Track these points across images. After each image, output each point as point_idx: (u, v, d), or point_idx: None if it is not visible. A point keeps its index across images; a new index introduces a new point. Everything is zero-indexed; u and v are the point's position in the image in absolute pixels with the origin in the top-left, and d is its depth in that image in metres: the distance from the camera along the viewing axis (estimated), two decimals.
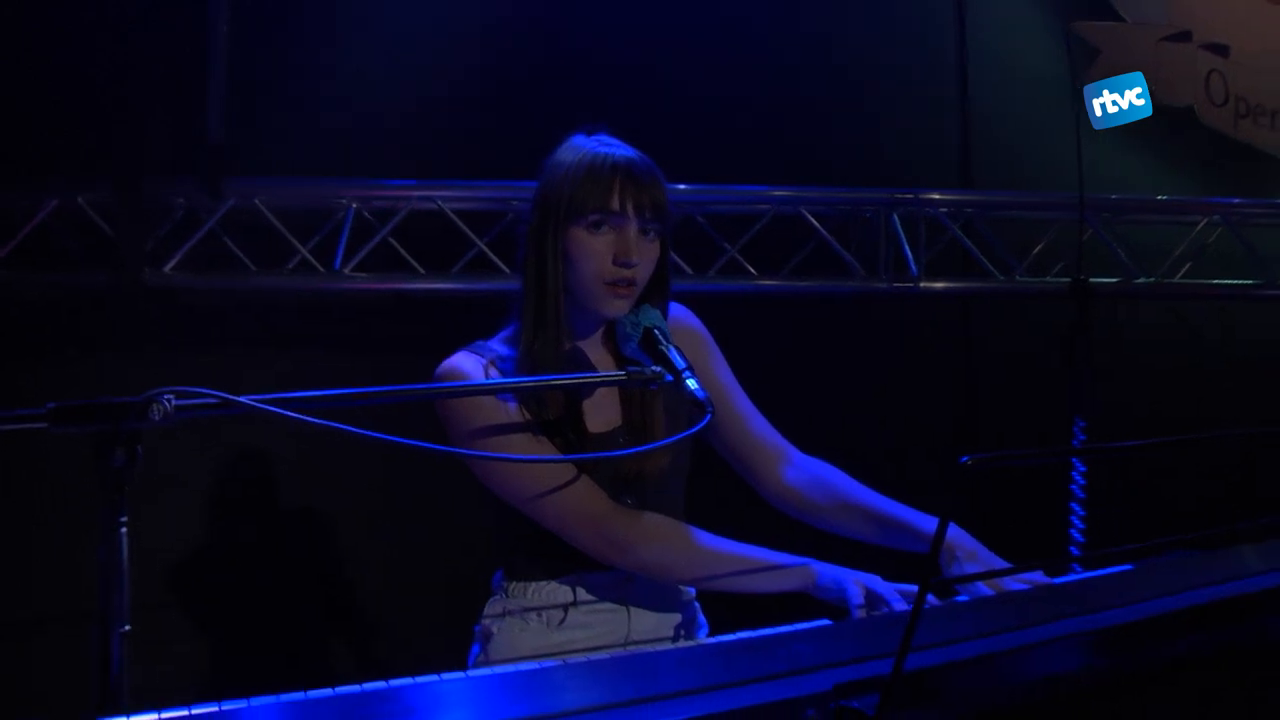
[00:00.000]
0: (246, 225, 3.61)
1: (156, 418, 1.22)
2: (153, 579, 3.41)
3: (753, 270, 3.89)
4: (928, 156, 4.33)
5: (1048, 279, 4.06)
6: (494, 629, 1.82)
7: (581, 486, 1.69)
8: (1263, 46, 4.47)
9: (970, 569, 1.65)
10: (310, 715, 1.03)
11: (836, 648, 1.18)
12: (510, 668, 1.18)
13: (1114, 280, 4.06)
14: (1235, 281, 4.19)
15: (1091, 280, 3.91)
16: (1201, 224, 4.13)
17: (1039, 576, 1.64)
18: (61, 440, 1.24)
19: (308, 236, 3.59)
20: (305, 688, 1.15)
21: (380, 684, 1.10)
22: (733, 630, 1.48)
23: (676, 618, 1.87)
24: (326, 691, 1.08)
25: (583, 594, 1.78)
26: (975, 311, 4.34)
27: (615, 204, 1.67)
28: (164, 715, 1.00)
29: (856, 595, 1.56)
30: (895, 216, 4.01)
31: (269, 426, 3.08)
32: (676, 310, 1.90)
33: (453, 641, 1.99)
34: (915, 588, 1.57)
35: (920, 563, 1.71)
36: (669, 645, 1.75)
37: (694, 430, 1.51)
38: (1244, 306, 4.38)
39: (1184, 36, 4.36)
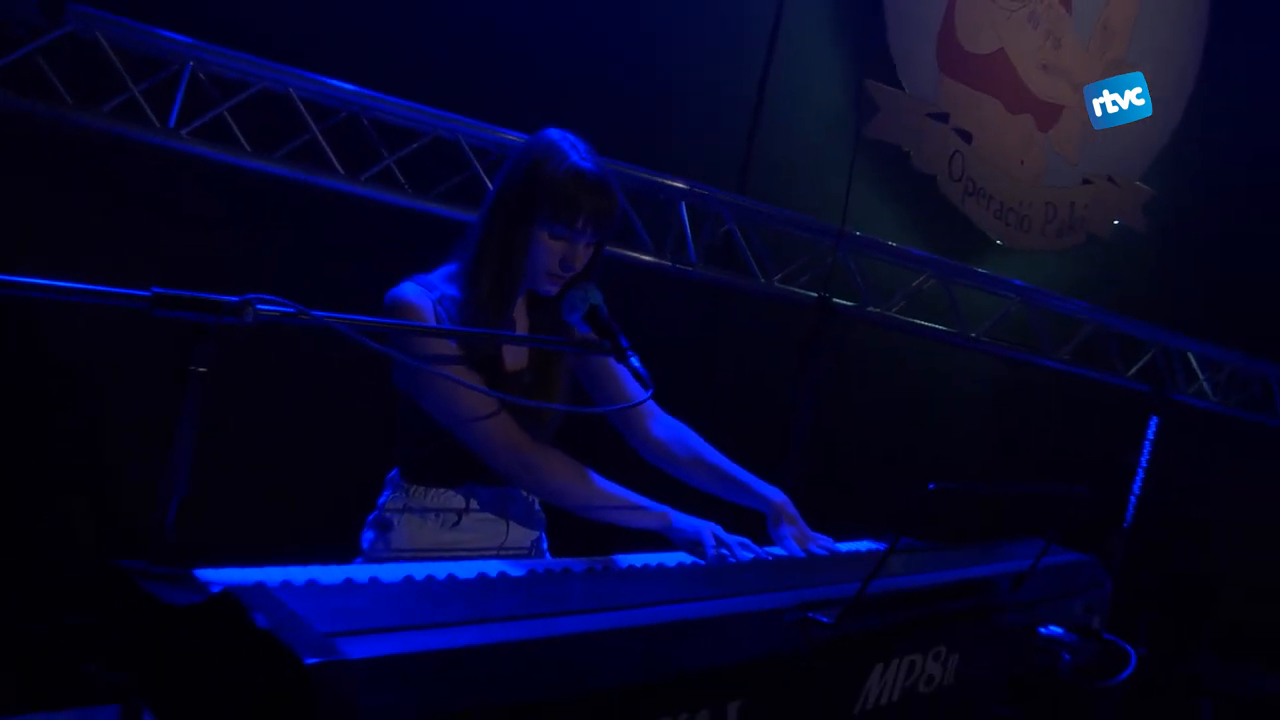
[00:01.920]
0: (71, 59, 3.51)
1: (249, 320, 1.33)
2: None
3: None
4: (714, 156, 4.85)
5: (798, 289, 4.71)
6: (394, 521, 2.09)
7: (506, 417, 2.00)
8: (996, 143, 5.39)
9: (787, 529, 2.15)
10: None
11: (784, 578, 1.62)
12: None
13: (850, 304, 4.77)
14: (940, 327, 5.06)
15: (833, 299, 4.62)
16: (923, 275, 4.95)
17: (829, 542, 2.20)
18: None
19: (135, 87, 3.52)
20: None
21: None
22: (574, 548, 1.88)
23: (534, 534, 2.24)
24: None
25: (473, 504, 2.11)
26: (729, 302, 4.90)
27: (579, 224, 1.97)
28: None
29: (710, 541, 1.98)
30: (683, 205, 4.49)
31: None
32: None
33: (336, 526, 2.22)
34: (748, 540, 2.05)
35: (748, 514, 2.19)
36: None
37: (638, 403, 1.85)
38: (943, 348, 5.26)
39: (943, 117, 5.17)
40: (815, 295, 4.66)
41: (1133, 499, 5.55)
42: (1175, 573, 5.72)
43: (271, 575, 1.39)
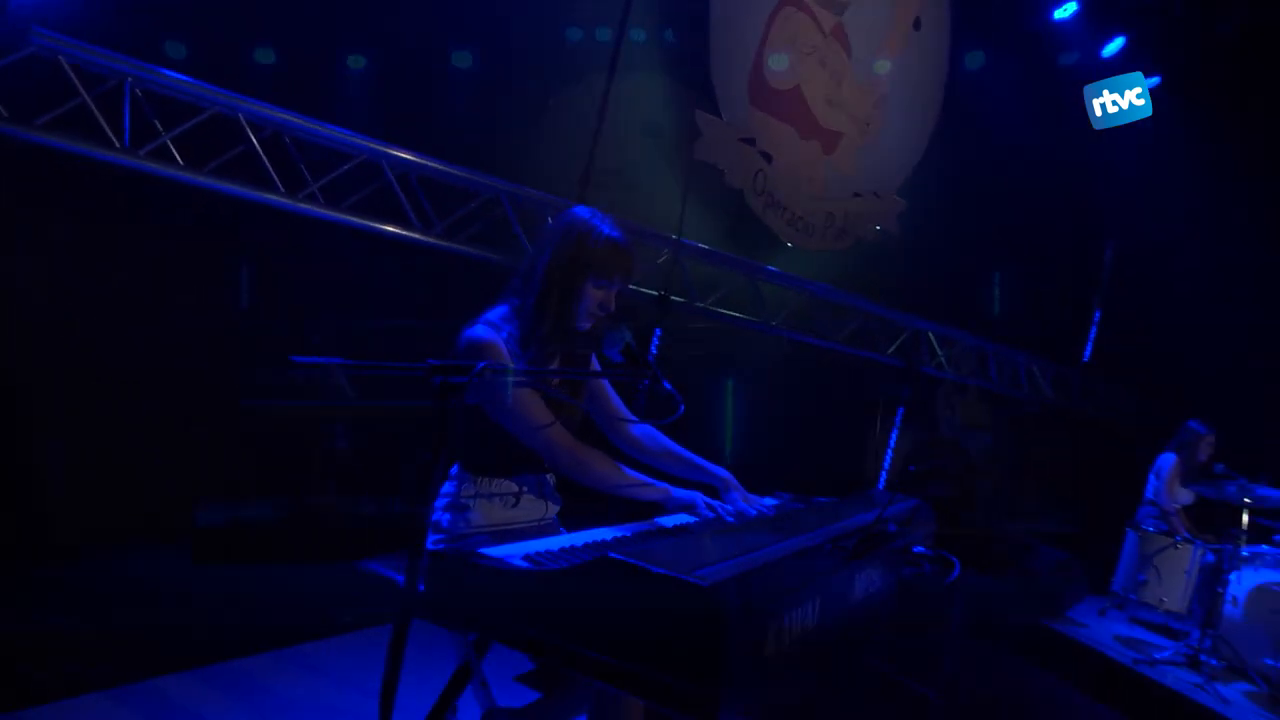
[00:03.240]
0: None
1: (487, 378, 1.89)
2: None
3: (417, 224, 4.85)
4: (556, 166, 5.56)
5: (643, 290, 5.54)
6: (470, 504, 2.68)
7: (561, 426, 2.64)
8: (790, 164, 6.42)
9: (736, 494, 2.91)
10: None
11: (805, 522, 2.48)
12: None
13: (683, 300, 5.66)
14: (748, 317, 6.06)
15: (671, 297, 5.50)
16: (737, 276, 5.91)
17: (762, 500, 2.99)
18: None
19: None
20: None
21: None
22: (579, 518, 2.65)
23: (557, 508, 2.89)
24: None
25: (524, 489, 2.74)
26: None
27: (617, 279, 2.62)
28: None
29: (703, 505, 2.73)
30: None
31: None
32: None
33: None
34: (722, 503, 2.85)
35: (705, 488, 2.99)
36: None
37: (673, 419, 2.47)
38: (751, 335, 6.26)
39: (751, 141, 6.13)
40: (656, 293, 5.52)
41: (889, 453, 6.85)
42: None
43: (539, 545, 2.09)
